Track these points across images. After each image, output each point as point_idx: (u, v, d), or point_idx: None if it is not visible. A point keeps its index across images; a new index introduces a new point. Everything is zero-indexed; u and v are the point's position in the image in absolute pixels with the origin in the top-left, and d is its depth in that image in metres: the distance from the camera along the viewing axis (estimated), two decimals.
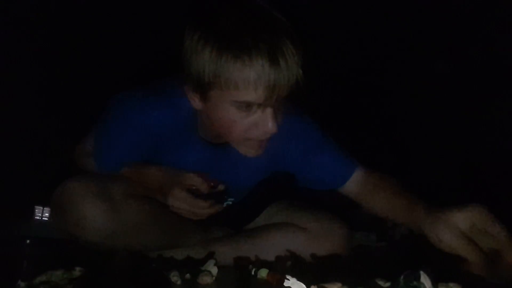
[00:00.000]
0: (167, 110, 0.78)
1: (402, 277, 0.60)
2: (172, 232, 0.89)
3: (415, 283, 0.59)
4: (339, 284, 0.65)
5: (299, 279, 0.66)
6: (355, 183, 0.87)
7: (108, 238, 0.78)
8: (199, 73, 0.66)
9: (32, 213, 1.51)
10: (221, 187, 0.84)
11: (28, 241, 1.13)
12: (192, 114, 0.78)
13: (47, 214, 1.55)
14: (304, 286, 0.64)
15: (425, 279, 0.59)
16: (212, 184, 0.81)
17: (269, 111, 0.68)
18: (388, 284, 0.69)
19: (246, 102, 0.66)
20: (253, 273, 0.77)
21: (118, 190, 0.80)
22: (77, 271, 0.72)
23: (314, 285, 0.64)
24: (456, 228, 0.68)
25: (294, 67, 0.65)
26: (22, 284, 0.62)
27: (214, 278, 0.73)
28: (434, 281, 0.59)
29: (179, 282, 0.70)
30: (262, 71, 0.62)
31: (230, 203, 0.94)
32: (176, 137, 0.81)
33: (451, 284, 0.64)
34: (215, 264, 0.76)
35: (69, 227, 0.79)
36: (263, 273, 0.75)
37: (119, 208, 0.79)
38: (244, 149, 0.76)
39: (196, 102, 0.73)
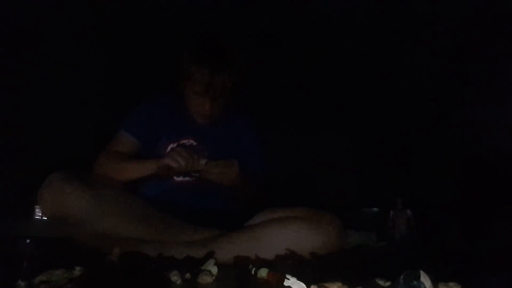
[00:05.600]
0: (169, 97, 1.31)
1: (402, 276, 0.60)
2: (151, 224, 1.00)
3: (415, 282, 0.59)
4: (339, 284, 0.65)
5: (299, 279, 0.66)
6: None
7: (87, 217, 0.96)
8: (183, 71, 1.20)
9: (32, 213, 1.51)
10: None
11: (28, 240, 1.13)
12: (183, 102, 1.26)
13: None
14: (304, 285, 0.64)
15: (425, 279, 0.59)
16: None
17: (207, 99, 1.19)
18: (388, 283, 0.69)
19: (195, 91, 1.18)
20: (253, 272, 0.76)
21: (96, 178, 1.09)
22: (77, 271, 0.72)
23: (314, 284, 0.64)
24: None
25: (224, 79, 1.15)
26: (22, 283, 0.62)
27: (214, 277, 0.73)
28: (434, 281, 0.59)
29: (179, 282, 0.70)
30: (203, 76, 1.15)
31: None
32: (175, 115, 1.27)
33: (451, 284, 0.64)
34: (215, 264, 0.76)
35: (53, 208, 0.98)
36: (263, 272, 0.74)
37: (97, 191, 0.99)
38: (198, 119, 1.26)
39: (181, 87, 1.24)
